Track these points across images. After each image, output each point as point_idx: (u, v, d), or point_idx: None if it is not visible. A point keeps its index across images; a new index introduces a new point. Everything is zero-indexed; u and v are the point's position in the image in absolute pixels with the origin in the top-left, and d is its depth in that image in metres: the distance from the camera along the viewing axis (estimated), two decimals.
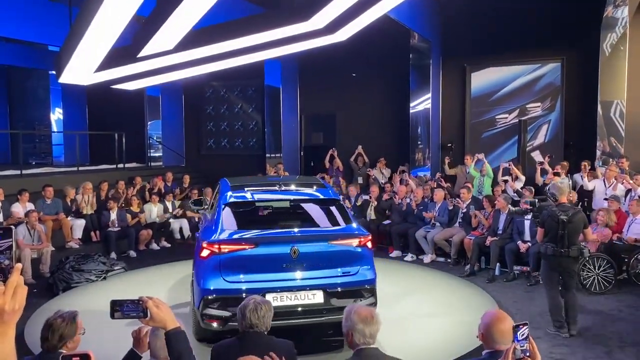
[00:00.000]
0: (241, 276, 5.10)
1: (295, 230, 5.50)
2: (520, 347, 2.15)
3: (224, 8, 8.35)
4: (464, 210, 9.15)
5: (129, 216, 10.20)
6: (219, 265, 5.11)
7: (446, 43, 13.25)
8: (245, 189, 6.04)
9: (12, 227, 1.32)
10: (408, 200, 9.99)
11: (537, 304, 6.84)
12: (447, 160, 12.02)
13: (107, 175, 12.11)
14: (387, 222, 10.10)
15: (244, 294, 4.90)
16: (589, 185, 9.35)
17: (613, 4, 11.17)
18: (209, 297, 5.04)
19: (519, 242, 7.93)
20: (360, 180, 12.53)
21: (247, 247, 5.15)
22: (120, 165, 13.94)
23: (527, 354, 2.14)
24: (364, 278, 5.27)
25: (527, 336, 2.16)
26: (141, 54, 8.28)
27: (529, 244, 7.85)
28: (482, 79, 13.15)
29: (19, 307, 1.25)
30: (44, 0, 11.92)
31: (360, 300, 5.12)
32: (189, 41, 8.15)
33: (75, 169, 13.06)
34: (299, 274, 5.14)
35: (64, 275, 7.72)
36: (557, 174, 9.61)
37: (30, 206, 9.04)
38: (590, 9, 11.62)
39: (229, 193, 5.90)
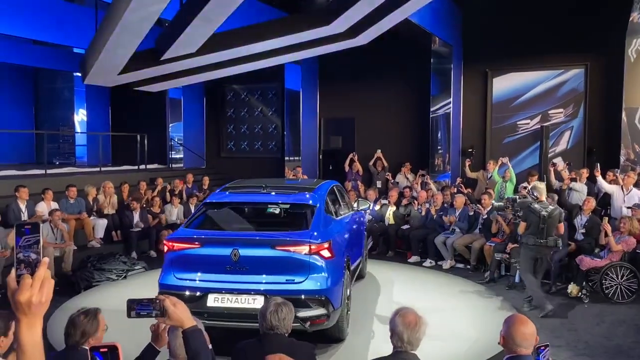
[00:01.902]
0: (188, 274, 5.23)
1: (241, 232, 5.45)
2: None
3: (246, 12, 8.42)
4: (485, 216, 9.06)
5: (149, 217, 10.31)
6: (171, 261, 5.34)
7: (468, 47, 13.17)
8: (229, 191, 6.19)
9: (40, 222, 1.35)
10: (427, 205, 9.94)
11: (557, 311, 6.74)
12: (467, 163, 11.93)
13: (128, 176, 12.27)
14: (405, 227, 10.05)
15: (187, 292, 5.08)
16: (607, 187, 9.16)
17: (638, 9, 11.00)
18: (161, 292, 5.15)
19: None
20: (379, 184, 12.50)
21: (192, 246, 5.29)
22: (142, 166, 14.11)
23: None
24: (310, 287, 5.00)
25: (548, 358, 2.13)
26: (164, 57, 8.39)
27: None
28: (504, 84, 13.04)
29: (46, 299, 1.29)
30: (71, 3, 12.15)
31: (306, 311, 4.92)
32: (211, 44, 8.24)
33: (97, 169, 13.25)
34: (240, 277, 5.08)
35: (85, 273, 7.84)
36: (573, 180, 9.47)
37: (54, 205, 9.20)
38: (615, 15, 11.46)
39: (214, 194, 6.14)
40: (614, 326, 6.28)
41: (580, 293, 7.27)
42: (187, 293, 5.10)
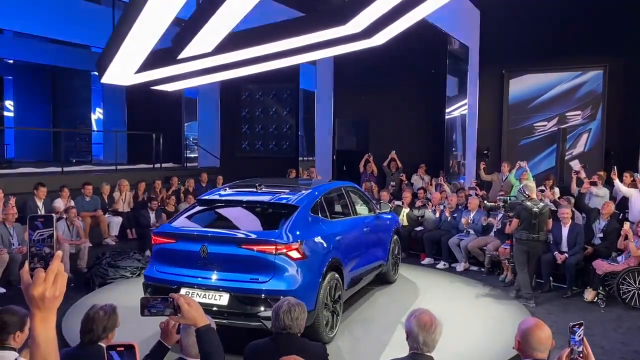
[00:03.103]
0: (166, 267, 5.46)
1: (210, 230, 5.55)
2: (577, 348, 2.09)
3: (262, 12, 8.43)
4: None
5: (164, 215, 10.37)
6: (154, 255, 5.66)
7: (484, 48, 13.06)
8: (227, 189, 6.38)
9: (53, 215, 1.35)
10: (442, 207, 9.87)
11: (573, 316, 6.65)
12: (482, 166, 11.84)
13: (144, 175, 12.36)
14: (419, 228, 10.00)
15: (164, 284, 5.29)
16: (624, 190, 9.03)
17: None
18: (146, 283, 5.53)
19: (556, 253, 7.74)
20: (393, 185, 12.44)
21: (170, 240, 5.51)
22: (157, 165, 14.21)
23: (581, 356, 2.08)
24: (274, 288, 4.97)
25: (582, 337, 2.10)
26: (180, 56, 8.42)
27: (566, 254, 7.65)
28: (520, 86, 12.92)
29: (59, 293, 1.29)
30: (88, 3, 12.28)
31: (268, 311, 4.86)
32: (227, 44, 8.25)
33: (113, 167, 13.37)
34: (209, 273, 5.20)
35: (100, 270, 7.90)
36: (594, 184, 9.30)
37: (70, 202, 9.31)
38: (634, 16, 11.29)
39: (208, 192, 6.37)
40: (631, 332, 6.18)
41: (596, 298, 7.17)
42: (164, 285, 5.30)
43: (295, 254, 5.12)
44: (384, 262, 7.54)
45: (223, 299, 5.01)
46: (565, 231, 7.81)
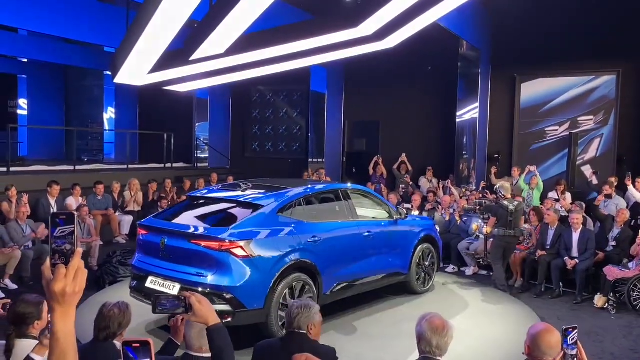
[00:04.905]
0: (141, 256, 5.86)
1: (168, 223, 5.80)
2: (570, 351, 2.10)
3: (274, 14, 8.47)
4: None
5: None
6: (137, 244, 6.05)
7: (496, 52, 13.02)
8: (220, 187, 6.71)
9: (74, 212, 1.38)
10: (451, 210, 9.85)
11: (583, 322, 6.61)
12: (493, 170, 11.78)
13: (155, 174, 12.43)
14: None
15: (138, 272, 5.74)
16: (637, 194, 8.95)
17: None
18: (131, 271, 5.99)
19: (566, 259, 7.70)
20: (402, 188, 12.43)
21: (144, 232, 5.90)
22: (168, 165, 14.29)
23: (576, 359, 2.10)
24: (215, 283, 5.12)
25: (576, 341, 2.11)
26: (192, 57, 8.49)
27: (576, 260, 7.61)
28: (532, 90, 12.86)
29: (79, 289, 1.32)
30: (102, 3, 12.39)
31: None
32: (239, 46, 8.30)
33: (124, 166, 13.47)
34: (166, 265, 5.50)
35: (111, 269, 7.95)
36: (608, 197, 9.11)
37: (82, 201, 9.40)
38: None
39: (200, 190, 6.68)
40: None
41: (606, 304, 7.12)
42: (139, 273, 5.72)
43: (240, 252, 5.17)
44: (403, 271, 7.16)
45: (175, 289, 5.28)
46: (575, 237, 7.76)
